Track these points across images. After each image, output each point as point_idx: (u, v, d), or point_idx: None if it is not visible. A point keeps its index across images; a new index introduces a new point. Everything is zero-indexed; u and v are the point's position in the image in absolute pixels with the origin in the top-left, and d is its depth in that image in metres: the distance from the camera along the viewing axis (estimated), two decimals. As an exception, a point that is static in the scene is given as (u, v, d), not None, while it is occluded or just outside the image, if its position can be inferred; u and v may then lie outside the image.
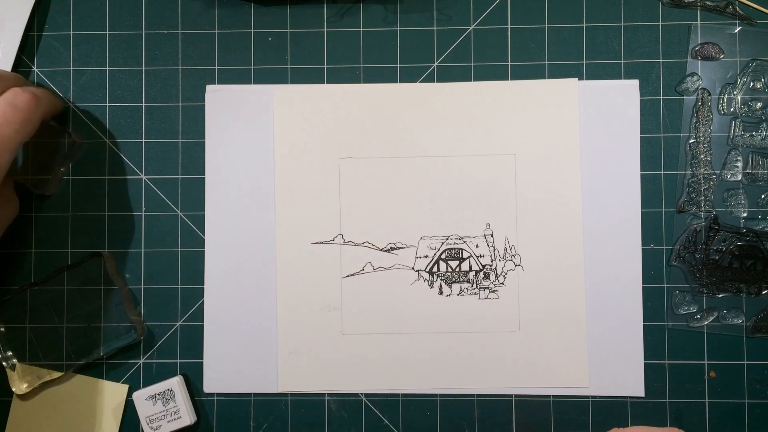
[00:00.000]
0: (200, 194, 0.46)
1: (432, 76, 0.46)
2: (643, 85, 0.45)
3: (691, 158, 0.45)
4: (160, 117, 0.47)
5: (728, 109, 0.45)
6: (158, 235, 0.46)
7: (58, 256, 0.46)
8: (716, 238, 0.44)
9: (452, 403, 0.45)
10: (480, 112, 0.45)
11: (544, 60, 0.46)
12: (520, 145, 0.45)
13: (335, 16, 0.46)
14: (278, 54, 0.46)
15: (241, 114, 0.46)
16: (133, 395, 0.44)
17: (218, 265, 0.45)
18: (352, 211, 0.45)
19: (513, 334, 0.45)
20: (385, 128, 0.45)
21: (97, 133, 0.46)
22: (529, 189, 0.45)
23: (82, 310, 0.46)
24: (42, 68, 0.47)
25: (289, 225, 0.45)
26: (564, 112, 0.45)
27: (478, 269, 0.45)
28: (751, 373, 0.44)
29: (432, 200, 0.45)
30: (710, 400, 0.44)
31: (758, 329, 0.44)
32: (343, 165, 0.46)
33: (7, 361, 0.45)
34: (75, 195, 0.46)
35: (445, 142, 0.45)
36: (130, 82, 0.47)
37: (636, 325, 0.44)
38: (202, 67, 0.47)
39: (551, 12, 0.46)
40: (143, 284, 0.46)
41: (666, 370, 0.44)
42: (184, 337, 0.46)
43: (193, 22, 0.47)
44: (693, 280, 0.45)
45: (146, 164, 0.46)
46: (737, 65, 0.45)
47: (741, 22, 0.45)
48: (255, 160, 0.46)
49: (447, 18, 0.46)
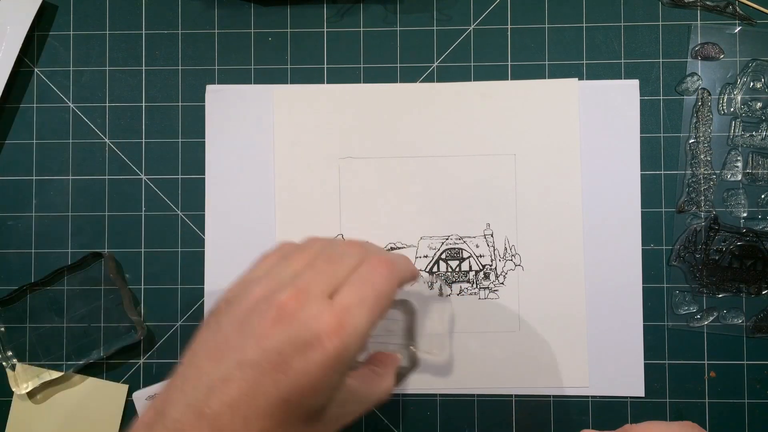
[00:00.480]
0: (200, 194, 0.46)
1: (432, 76, 0.46)
2: (643, 85, 0.45)
3: (691, 158, 0.45)
4: (160, 117, 0.47)
5: (728, 109, 0.45)
6: (158, 235, 0.46)
7: (58, 256, 0.46)
8: (716, 238, 0.44)
9: (452, 403, 0.45)
10: (480, 112, 0.45)
11: (544, 60, 0.46)
12: (520, 145, 0.45)
13: (335, 16, 0.46)
14: (278, 54, 0.46)
15: (241, 114, 0.46)
16: (133, 395, 0.44)
17: (218, 265, 0.45)
18: (352, 211, 0.45)
19: (513, 334, 0.45)
20: (385, 128, 0.45)
21: (97, 133, 0.46)
22: (529, 189, 0.45)
23: (82, 310, 0.46)
24: (42, 68, 0.47)
25: (289, 225, 0.45)
26: (564, 112, 0.45)
27: (478, 269, 0.45)
28: (751, 373, 0.44)
29: (432, 200, 0.45)
30: (710, 400, 0.44)
31: (758, 329, 0.44)
32: (343, 165, 0.46)
33: (7, 361, 0.45)
34: (75, 195, 0.46)
35: (445, 142, 0.45)
36: (130, 82, 0.47)
37: (636, 325, 0.44)
38: (202, 67, 0.47)
39: (551, 12, 0.46)
40: (143, 284, 0.46)
41: (666, 370, 0.44)
42: (184, 337, 0.46)
43: (193, 22, 0.47)
44: (693, 280, 0.45)
45: (146, 164, 0.46)
46: (737, 65, 0.45)
47: (741, 22, 0.45)
48: (255, 160, 0.46)
49: (447, 18, 0.46)
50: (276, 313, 0.30)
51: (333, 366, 0.29)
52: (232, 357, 0.29)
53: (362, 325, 0.30)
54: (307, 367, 0.29)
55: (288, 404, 0.29)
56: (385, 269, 0.32)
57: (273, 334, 0.29)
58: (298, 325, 0.29)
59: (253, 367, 0.29)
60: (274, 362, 0.28)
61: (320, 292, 0.31)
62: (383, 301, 0.32)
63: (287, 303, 0.30)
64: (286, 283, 0.31)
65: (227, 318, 0.31)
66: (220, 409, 0.28)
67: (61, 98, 0.47)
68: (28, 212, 0.46)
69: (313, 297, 0.30)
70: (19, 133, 0.47)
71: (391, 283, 0.32)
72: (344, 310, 0.30)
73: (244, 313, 0.31)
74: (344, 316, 0.30)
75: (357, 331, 0.30)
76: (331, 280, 0.32)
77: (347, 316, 0.30)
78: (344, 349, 0.29)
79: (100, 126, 0.47)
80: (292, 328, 0.29)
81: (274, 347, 0.29)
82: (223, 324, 0.31)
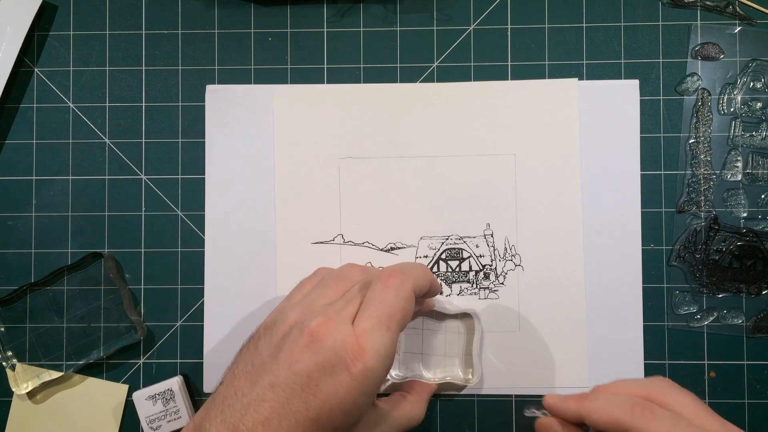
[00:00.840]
0: (200, 194, 0.46)
1: (432, 76, 0.46)
2: (643, 85, 0.45)
3: (691, 158, 0.45)
4: (160, 117, 0.47)
5: (728, 109, 0.45)
6: (158, 235, 0.46)
7: (58, 256, 0.46)
8: (716, 238, 0.44)
9: (452, 403, 0.45)
10: (480, 112, 0.45)
11: (544, 60, 0.46)
12: (520, 145, 0.45)
13: (335, 16, 0.46)
14: (278, 54, 0.46)
15: (241, 114, 0.46)
16: (133, 395, 0.44)
17: (218, 265, 0.45)
18: (352, 211, 0.45)
19: (513, 334, 0.45)
20: (385, 128, 0.45)
21: (97, 133, 0.46)
22: (529, 189, 0.45)
23: (82, 310, 0.46)
24: (42, 68, 0.47)
25: (289, 225, 0.45)
26: (564, 112, 0.45)
27: (478, 269, 0.45)
28: (751, 373, 0.44)
29: (432, 200, 0.45)
30: (710, 400, 0.44)
31: (758, 329, 0.44)
32: (343, 165, 0.46)
33: (7, 361, 0.45)
34: (75, 195, 0.46)
35: (445, 142, 0.45)
36: (130, 82, 0.47)
37: (636, 325, 0.44)
38: (202, 67, 0.47)
39: (551, 12, 0.46)
40: (143, 284, 0.46)
41: (666, 370, 0.44)
42: (184, 337, 0.46)
43: (193, 22, 0.47)
44: (693, 280, 0.45)
45: (146, 164, 0.46)
46: (737, 65, 0.45)
47: (741, 22, 0.45)
48: (255, 160, 0.46)
49: (447, 18, 0.46)
50: (307, 339, 0.32)
51: (358, 388, 0.31)
52: (266, 379, 0.32)
53: (383, 346, 0.32)
54: (334, 390, 0.31)
55: (317, 423, 0.31)
56: (396, 280, 0.34)
57: (303, 359, 0.31)
58: (326, 350, 0.31)
59: (284, 389, 0.31)
60: (303, 384, 0.31)
61: (346, 319, 0.33)
62: (398, 315, 0.33)
63: (316, 330, 0.32)
64: (318, 311, 0.34)
65: (264, 342, 0.34)
66: (254, 426, 0.30)
67: (61, 98, 0.47)
68: (28, 212, 0.46)
69: (340, 323, 0.32)
70: (19, 133, 0.47)
71: (403, 295, 0.34)
72: (363, 334, 0.32)
73: (279, 338, 0.33)
74: (364, 340, 0.32)
75: (378, 352, 0.32)
76: (357, 306, 0.34)
77: (366, 340, 0.32)
78: (368, 370, 0.31)
79: (100, 126, 0.47)
80: (320, 354, 0.31)
81: (303, 371, 0.31)
82: (260, 348, 0.34)
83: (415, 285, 0.35)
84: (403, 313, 0.34)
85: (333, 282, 0.37)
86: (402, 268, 0.35)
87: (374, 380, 0.32)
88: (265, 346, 0.34)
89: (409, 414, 0.39)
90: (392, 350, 0.33)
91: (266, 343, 0.34)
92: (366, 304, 0.34)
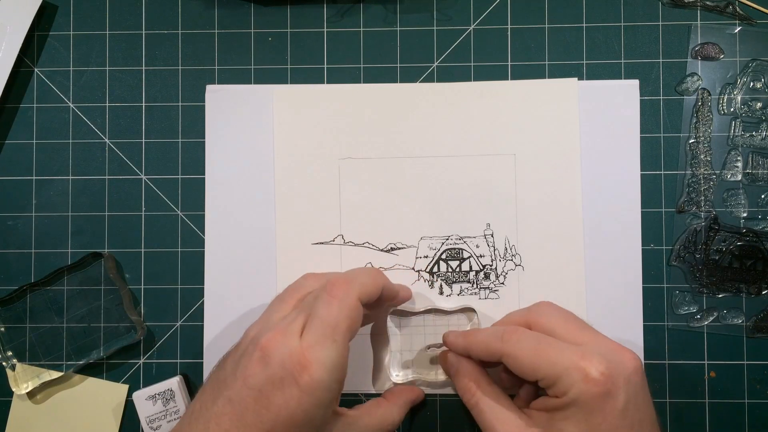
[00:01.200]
0: (200, 194, 0.46)
1: (432, 76, 0.46)
2: (643, 85, 0.45)
3: (691, 158, 0.45)
4: (160, 117, 0.47)
5: (728, 109, 0.45)
6: (158, 235, 0.46)
7: (58, 256, 0.46)
8: (716, 238, 0.44)
9: (452, 403, 0.45)
10: (480, 112, 0.45)
11: (544, 60, 0.46)
12: (520, 145, 0.45)
13: (335, 16, 0.46)
14: (278, 54, 0.46)
15: (241, 114, 0.46)
16: (133, 395, 0.44)
17: (218, 265, 0.45)
18: (352, 211, 0.45)
19: (513, 334, 0.45)
20: (385, 128, 0.45)
21: (97, 133, 0.47)
22: (529, 189, 0.45)
23: (82, 310, 0.46)
24: (42, 68, 0.47)
25: (289, 225, 0.45)
26: (564, 112, 0.45)
27: (478, 269, 0.45)
28: (751, 373, 0.44)
29: (432, 200, 0.45)
30: (710, 400, 0.44)
31: (758, 329, 0.44)
32: (343, 165, 0.46)
33: (7, 361, 0.45)
34: (75, 195, 0.46)
35: (445, 142, 0.45)
36: (130, 82, 0.47)
37: (636, 325, 0.44)
38: (202, 67, 0.47)
39: (551, 12, 0.46)
40: (143, 284, 0.46)
41: (666, 370, 0.44)
42: (184, 337, 0.46)
43: (193, 22, 0.47)
44: (693, 280, 0.45)
45: (146, 164, 0.46)
46: (737, 65, 0.45)
47: (741, 22, 0.45)
48: (255, 160, 0.46)
49: (447, 18, 0.46)
50: (258, 354, 0.33)
51: (308, 400, 0.32)
52: (225, 394, 0.33)
53: (329, 358, 0.33)
54: (285, 402, 0.32)
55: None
56: (340, 291, 0.35)
57: (255, 374, 0.33)
58: (274, 364, 0.32)
59: (239, 403, 0.32)
60: (256, 398, 0.32)
61: (294, 332, 0.34)
62: (343, 325, 0.34)
63: (266, 345, 0.33)
64: (271, 326, 0.35)
65: (231, 358, 0.35)
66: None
67: (61, 98, 0.47)
68: (28, 212, 0.46)
69: (287, 337, 0.33)
70: (19, 133, 0.47)
71: (347, 305, 0.35)
72: (308, 347, 0.33)
73: (239, 354, 0.35)
74: (309, 353, 0.33)
75: (324, 364, 0.33)
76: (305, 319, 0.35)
77: (312, 353, 0.33)
78: (315, 382, 0.32)
79: (100, 126, 0.47)
80: (270, 368, 0.32)
81: (256, 385, 0.32)
82: (226, 363, 0.35)
83: (361, 293, 0.36)
84: (349, 322, 0.34)
85: (288, 295, 0.38)
86: (348, 277, 0.36)
87: (324, 391, 0.33)
88: (230, 362, 0.35)
89: (380, 419, 0.40)
90: (341, 360, 0.34)
91: (231, 359, 0.35)
92: (312, 316, 0.34)
